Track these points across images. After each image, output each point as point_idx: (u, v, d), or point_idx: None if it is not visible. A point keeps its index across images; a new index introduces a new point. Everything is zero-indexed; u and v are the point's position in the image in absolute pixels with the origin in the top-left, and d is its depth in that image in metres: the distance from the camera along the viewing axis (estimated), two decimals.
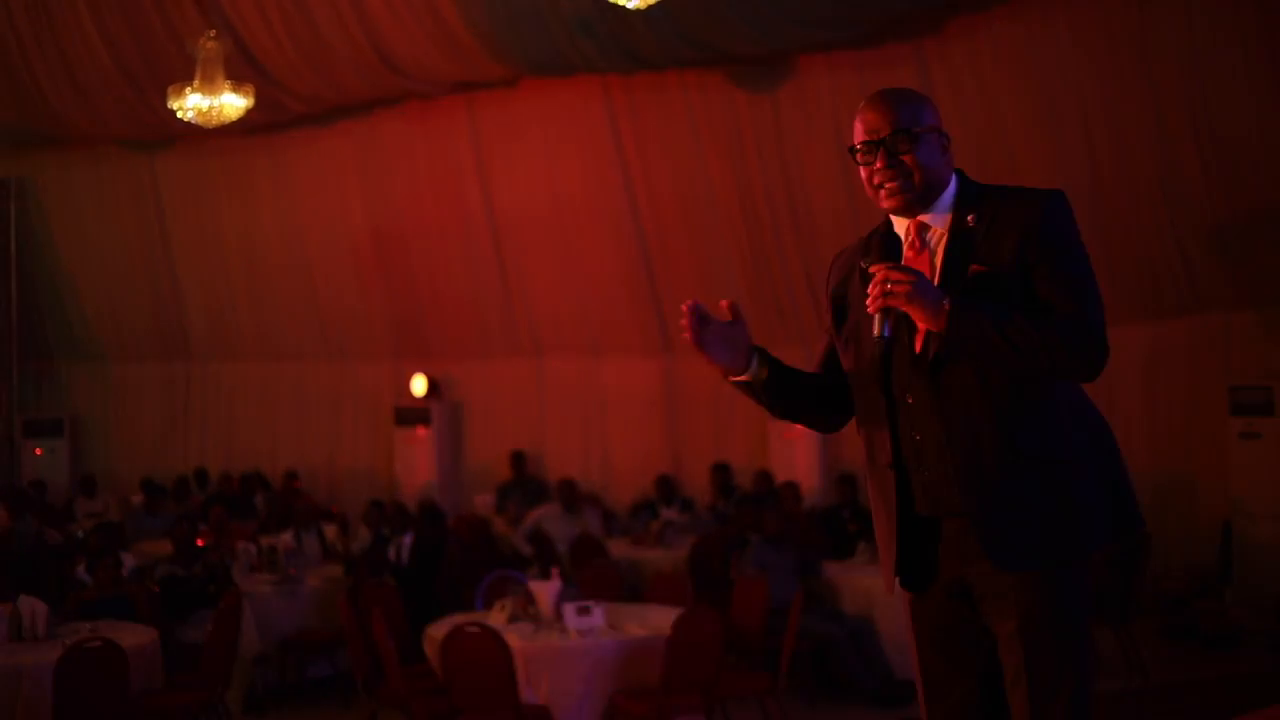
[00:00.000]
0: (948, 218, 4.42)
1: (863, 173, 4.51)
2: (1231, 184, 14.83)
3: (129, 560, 13.46)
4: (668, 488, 18.23)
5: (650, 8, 13.90)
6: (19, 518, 15.84)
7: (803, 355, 4.67)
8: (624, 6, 13.83)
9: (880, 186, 4.43)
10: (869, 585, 12.41)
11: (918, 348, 4.35)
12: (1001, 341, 4.13)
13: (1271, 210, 14.70)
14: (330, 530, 16.14)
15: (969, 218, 4.37)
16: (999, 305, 4.19)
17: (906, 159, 4.39)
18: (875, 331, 4.31)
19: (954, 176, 4.49)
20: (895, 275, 4.21)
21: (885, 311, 4.27)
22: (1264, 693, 11.05)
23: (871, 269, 4.29)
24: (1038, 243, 4.26)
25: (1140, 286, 16.08)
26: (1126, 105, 15.32)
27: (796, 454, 18.89)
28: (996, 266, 4.28)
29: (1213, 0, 14.32)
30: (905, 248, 4.46)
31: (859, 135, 4.50)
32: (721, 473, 18.37)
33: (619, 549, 15.48)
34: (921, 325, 4.29)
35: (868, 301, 4.28)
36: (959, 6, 16.09)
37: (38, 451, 24.00)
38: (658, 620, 10.29)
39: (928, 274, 4.35)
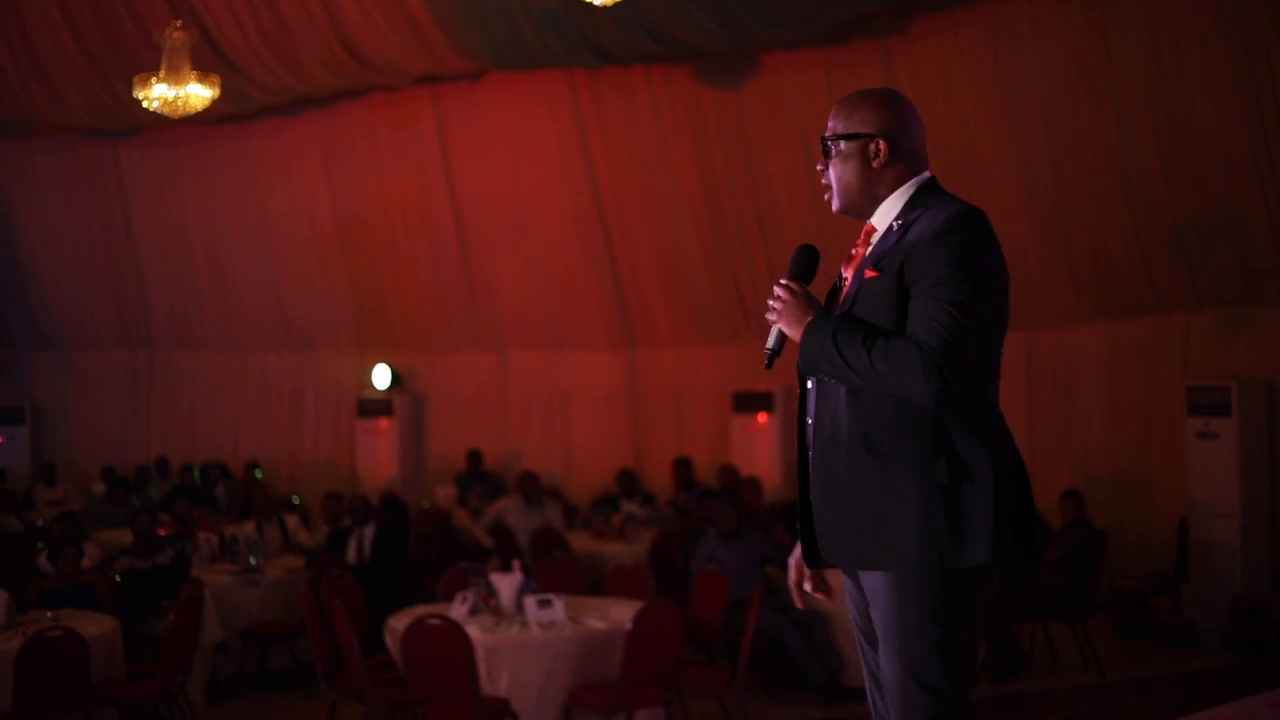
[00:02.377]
0: (888, 221, 4.43)
1: None
2: (1191, 185, 14.93)
3: (91, 550, 13.46)
4: (629, 482, 18.27)
5: (616, 4, 13.93)
6: None
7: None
8: (590, 2, 13.86)
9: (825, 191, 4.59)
10: (827, 579, 12.41)
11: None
12: (842, 364, 4.22)
13: (1230, 211, 14.80)
14: (292, 521, 16.14)
15: (896, 223, 4.38)
16: (857, 322, 4.27)
17: (831, 168, 4.51)
18: (767, 343, 4.46)
19: (914, 181, 4.47)
20: (778, 291, 4.39)
21: (774, 326, 4.44)
22: (1219, 690, 11.19)
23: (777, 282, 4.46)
24: (919, 258, 4.23)
25: (1100, 286, 16.18)
26: (1088, 106, 15.40)
27: (758, 449, 18.95)
28: (886, 274, 4.29)
29: (1174, 3, 14.39)
30: (852, 248, 4.54)
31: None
32: (683, 467, 18.42)
33: (580, 542, 15.51)
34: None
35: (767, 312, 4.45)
36: (924, 6, 16.15)
37: None
38: (618, 614, 10.33)
39: (852, 272, 4.46)
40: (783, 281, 4.41)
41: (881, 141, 4.43)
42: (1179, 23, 14.41)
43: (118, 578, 12.01)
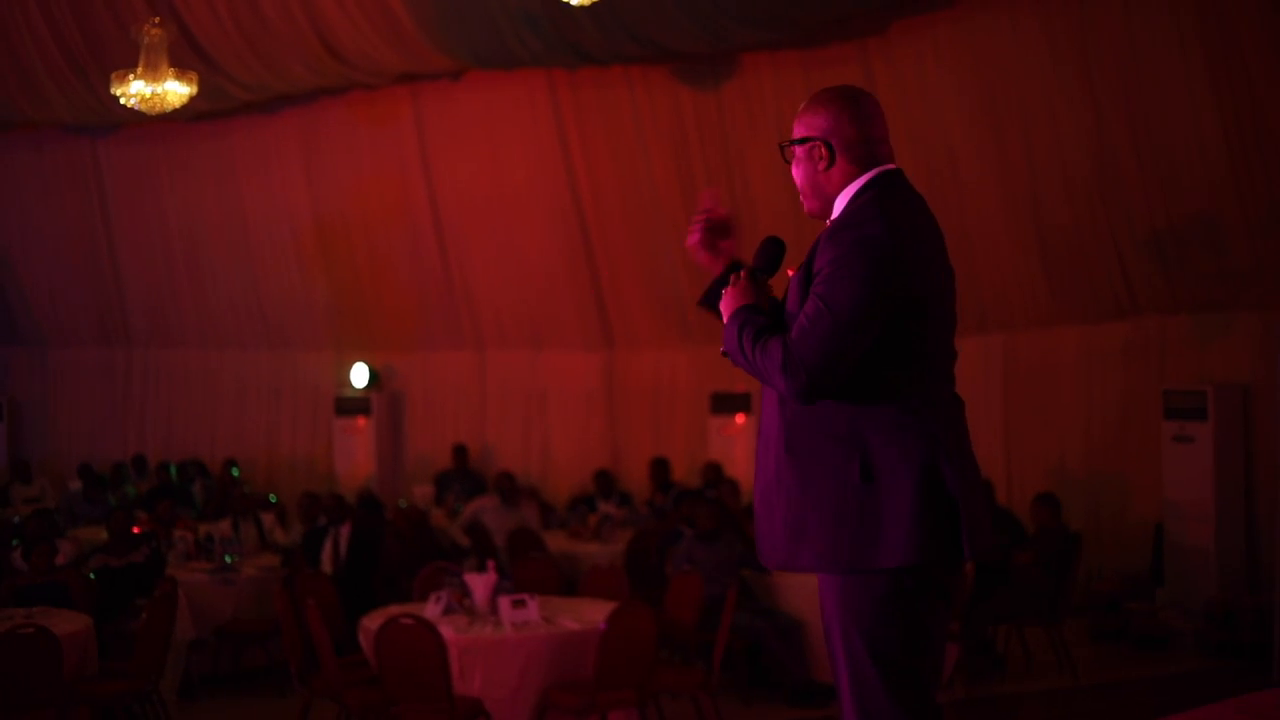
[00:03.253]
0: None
1: None
2: (1168, 189, 14.96)
3: (65, 548, 13.42)
4: (606, 482, 18.28)
5: (595, 4, 13.94)
6: None
7: None
8: (569, 2, 13.86)
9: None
10: (805, 581, 12.43)
11: None
12: (741, 355, 4.33)
13: (1207, 216, 14.83)
14: (268, 519, 16.11)
15: (829, 223, 4.43)
16: (766, 318, 4.35)
17: (792, 171, 4.56)
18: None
19: (859, 182, 4.43)
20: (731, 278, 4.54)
21: None
22: (1193, 693, 11.19)
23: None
24: (818, 253, 4.29)
25: (1077, 290, 16.20)
26: (1066, 109, 15.44)
27: (736, 450, 18.96)
28: (800, 271, 4.37)
29: (1152, 6, 14.42)
30: None
31: None
32: (660, 468, 18.41)
33: (556, 542, 15.50)
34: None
35: None
36: (903, 8, 16.17)
37: None
38: (592, 614, 10.32)
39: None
40: (740, 277, 4.53)
41: (822, 146, 4.44)
42: (1156, 26, 14.44)
43: (91, 575, 11.99)
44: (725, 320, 4.43)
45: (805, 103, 4.55)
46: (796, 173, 4.52)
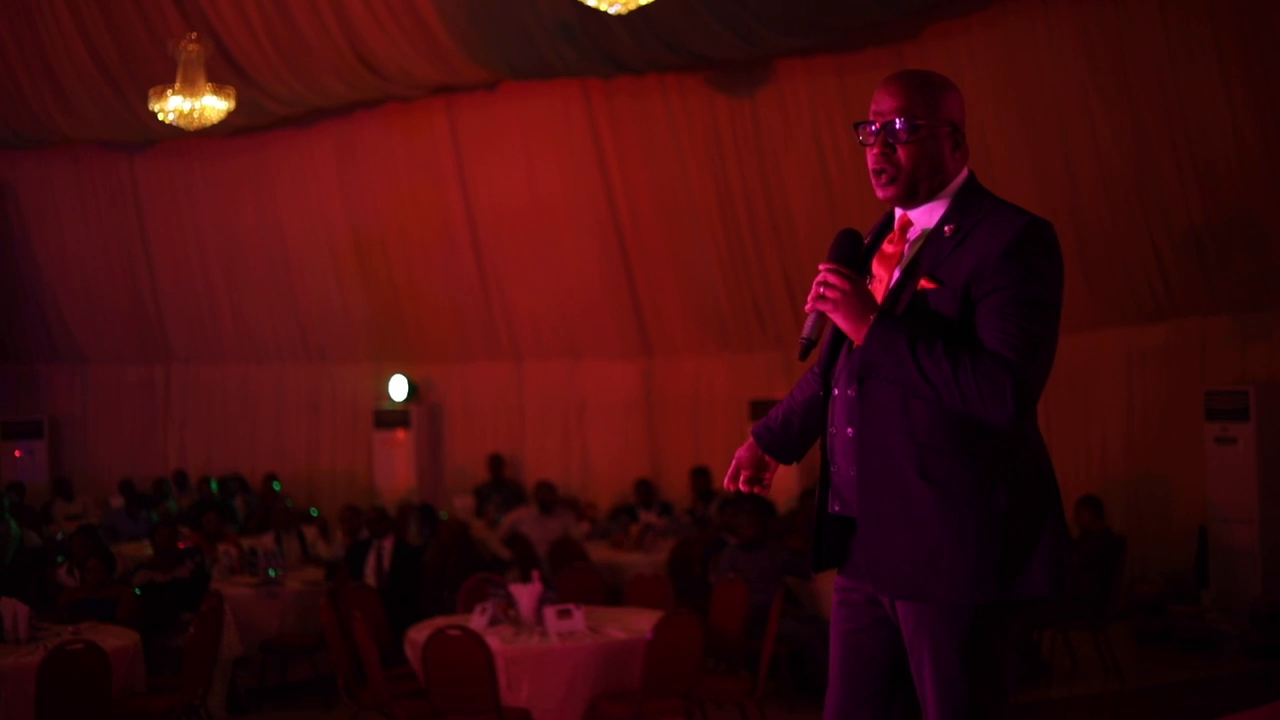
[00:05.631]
0: (934, 219, 4.23)
1: (866, 155, 4.31)
2: (1207, 190, 14.91)
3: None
4: (647, 491, 18.26)
5: (630, 13, 13.95)
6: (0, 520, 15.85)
7: (781, 358, 4.69)
8: (604, 11, 13.87)
9: (874, 174, 4.27)
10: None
11: (856, 344, 4.18)
12: (915, 370, 3.99)
13: (1246, 216, 14.78)
14: (310, 533, 16.15)
15: (947, 228, 4.16)
16: (929, 330, 4.03)
17: (901, 151, 4.20)
18: (804, 332, 4.20)
19: (963, 176, 4.29)
20: (831, 279, 4.11)
21: (819, 314, 4.17)
22: (1240, 696, 11.16)
23: (820, 265, 4.18)
24: (992, 272, 4.02)
25: (1117, 292, 16.16)
26: (1104, 112, 15.39)
27: None
28: (947, 286, 4.08)
29: (1189, 9, 14.38)
30: (886, 241, 4.34)
31: (869, 115, 4.28)
32: (701, 476, 18.39)
33: (598, 552, 15.51)
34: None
35: (808, 299, 4.20)
36: (937, 11, 16.15)
37: (16, 454, 23.96)
38: (638, 623, 10.32)
39: (891, 271, 4.25)
40: (836, 267, 4.15)
41: (954, 130, 4.25)
42: (1194, 27, 14.40)
43: (137, 591, 12.02)
44: (867, 328, 4.06)
45: (922, 78, 4.28)
46: (917, 151, 4.19)
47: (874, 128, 4.24)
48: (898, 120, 4.20)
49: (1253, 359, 15.24)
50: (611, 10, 13.66)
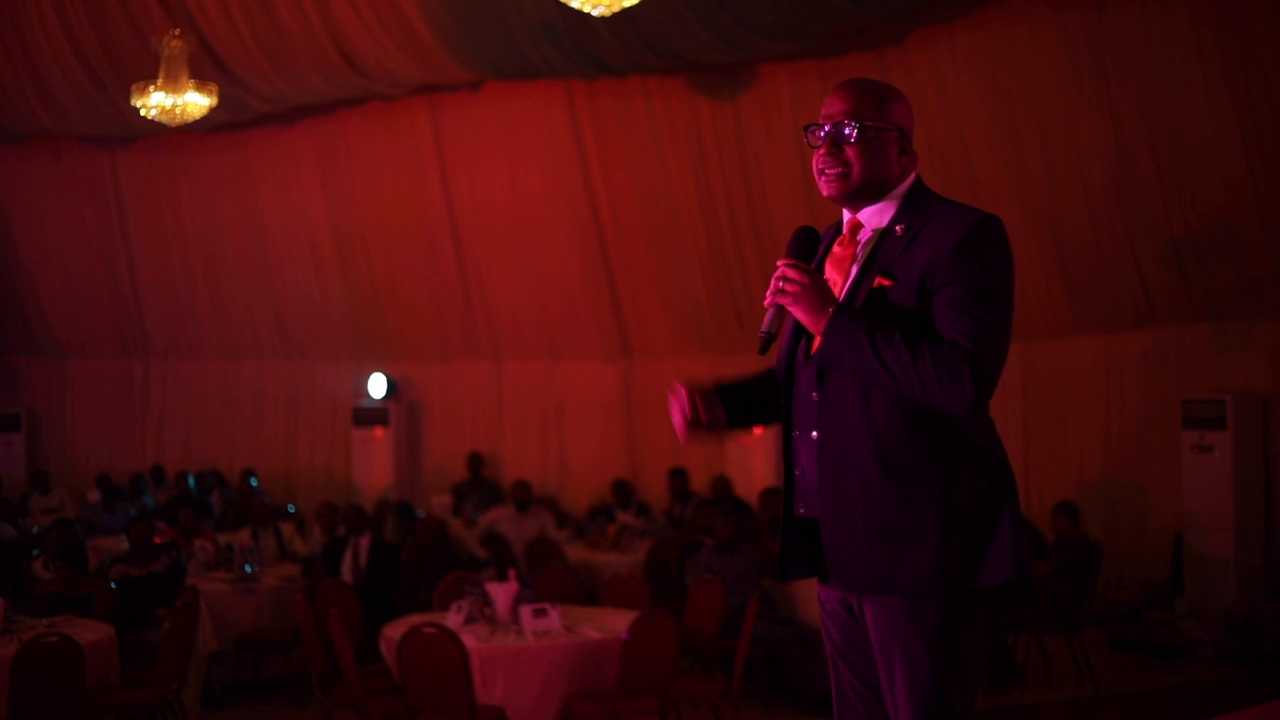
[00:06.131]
0: (883, 221, 4.31)
1: (813, 157, 4.40)
2: (1187, 198, 14.94)
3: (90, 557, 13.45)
4: (624, 492, 18.27)
5: (614, 15, 13.96)
6: None
7: (761, 362, 4.66)
8: (588, 13, 13.88)
9: (820, 173, 4.35)
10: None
11: (814, 348, 4.25)
12: (874, 359, 4.05)
13: (1226, 224, 14.81)
14: (287, 529, 16.13)
15: (898, 227, 4.25)
16: (887, 322, 4.09)
17: (850, 151, 4.28)
18: (764, 326, 4.27)
19: (910, 180, 4.37)
20: (790, 274, 4.18)
21: (777, 309, 4.24)
22: (1213, 703, 11.20)
23: (778, 261, 4.25)
24: (945, 265, 4.11)
25: (1096, 299, 16.19)
26: (1085, 118, 15.42)
27: (754, 459, 18.94)
28: (902, 282, 4.16)
29: (1170, 14, 14.41)
30: (836, 244, 4.41)
31: (819, 118, 4.39)
32: (679, 478, 18.39)
33: (575, 552, 15.52)
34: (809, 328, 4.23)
35: (766, 294, 4.26)
36: (921, 17, 16.18)
37: None
38: (614, 623, 10.34)
39: (846, 273, 4.32)
40: (795, 262, 4.23)
41: (901, 135, 4.34)
42: (1174, 34, 14.43)
43: (113, 585, 12.01)
44: (826, 320, 4.12)
45: (875, 84, 4.40)
46: (866, 153, 4.28)
47: (823, 130, 4.35)
48: (846, 122, 4.31)
49: (1230, 368, 15.28)
50: (595, 12, 13.68)
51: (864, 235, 4.35)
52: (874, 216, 4.35)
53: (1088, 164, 15.59)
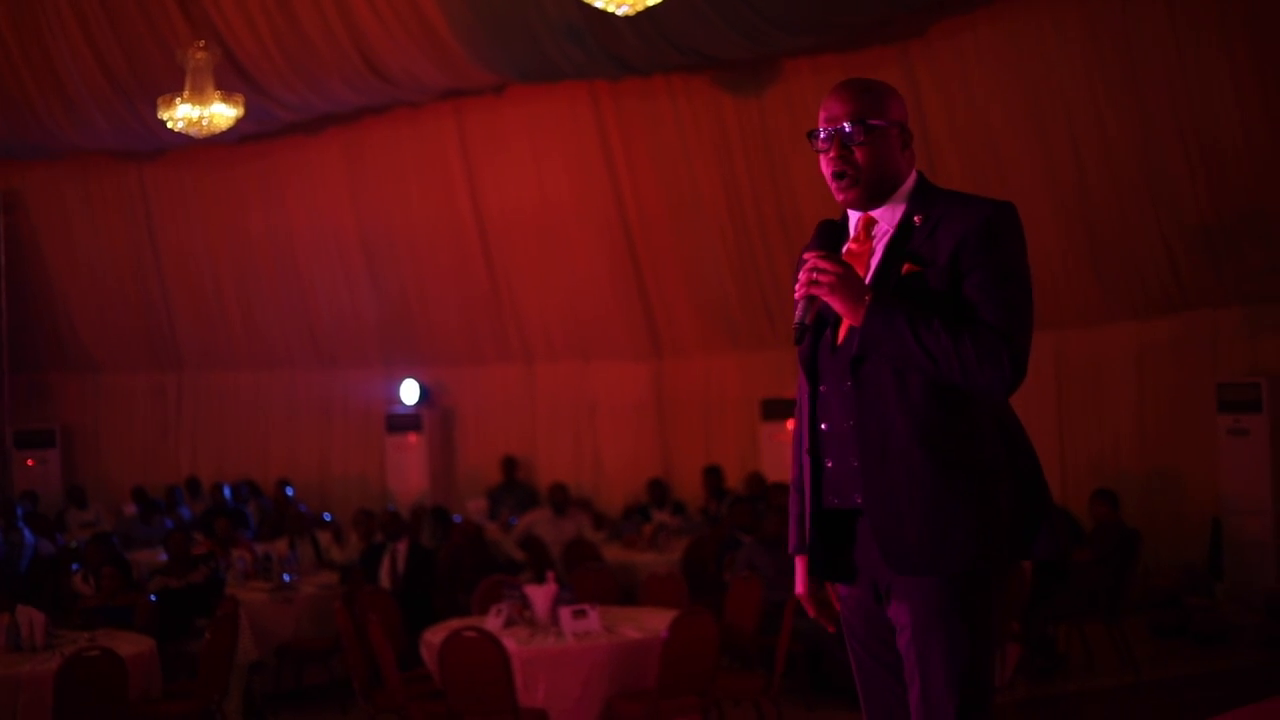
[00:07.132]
0: (897, 215, 4.38)
1: (820, 161, 4.47)
2: (1217, 183, 14.89)
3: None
4: (660, 491, 18.28)
5: (637, 14, 13.94)
6: (12, 529, 15.89)
7: (792, 356, 4.66)
8: (611, 13, 13.87)
9: (834, 177, 4.41)
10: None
11: (840, 339, 4.34)
12: (915, 344, 4.11)
13: (1256, 207, 14.77)
14: (324, 537, 16.16)
15: (916, 218, 4.32)
16: (923, 308, 4.16)
17: (859, 153, 4.35)
18: (796, 317, 4.31)
19: (914, 175, 4.45)
20: (823, 265, 4.23)
21: (810, 299, 4.28)
22: (1255, 688, 11.12)
23: (804, 255, 4.32)
24: (971, 250, 4.20)
25: (1128, 285, 16.14)
26: (1112, 106, 15.37)
27: (788, 455, 18.86)
28: (929, 269, 4.23)
29: (1197, 2, 14.37)
30: (849, 240, 4.46)
31: (820, 123, 4.45)
32: (713, 475, 18.39)
33: (612, 553, 15.52)
34: (844, 318, 4.29)
35: (796, 287, 4.31)
36: (944, 9, 16.14)
37: (29, 463, 23.97)
38: (653, 623, 10.34)
39: (865, 268, 4.36)
40: (826, 254, 4.29)
41: (903, 131, 4.43)
42: (1201, 21, 14.38)
43: (152, 597, 12.05)
44: (865, 309, 4.18)
45: (870, 83, 4.47)
46: (872, 152, 4.35)
47: (827, 133, 4.43)
48: (850, 124, 4.37)
49: (1264, 351, 15.23)
50: (619, 12, 13.66)
51: (879, 230, 4.42)
52: (887, 212, 4.42)
53: (1115, 150, 15.54)
